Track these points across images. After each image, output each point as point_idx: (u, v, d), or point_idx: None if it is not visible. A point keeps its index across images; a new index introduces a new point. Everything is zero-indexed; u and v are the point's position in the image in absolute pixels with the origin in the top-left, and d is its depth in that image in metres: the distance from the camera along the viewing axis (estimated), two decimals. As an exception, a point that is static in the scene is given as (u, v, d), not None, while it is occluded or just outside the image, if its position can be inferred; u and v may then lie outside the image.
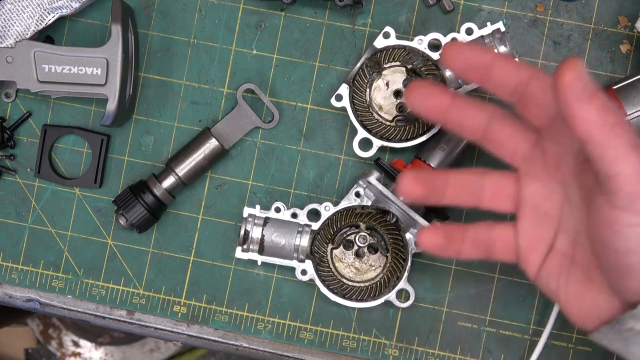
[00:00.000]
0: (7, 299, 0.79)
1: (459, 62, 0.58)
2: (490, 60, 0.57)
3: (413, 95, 0.59)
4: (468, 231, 0.62)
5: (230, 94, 0.78)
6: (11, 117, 0.78)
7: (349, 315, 0.77)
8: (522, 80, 0.57)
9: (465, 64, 0.57)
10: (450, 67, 0.58)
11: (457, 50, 0.57)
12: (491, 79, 0.58)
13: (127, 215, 0.74)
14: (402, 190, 0.60)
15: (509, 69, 0.57)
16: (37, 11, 0.74)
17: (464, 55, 0.57)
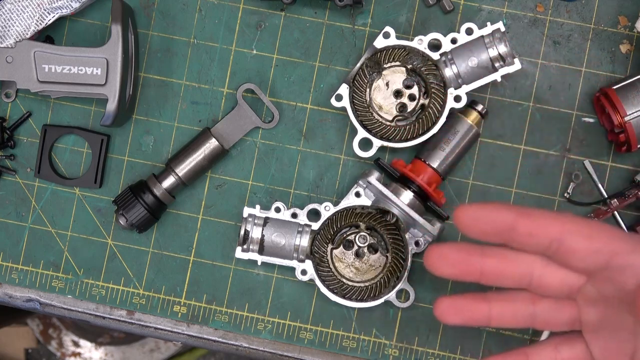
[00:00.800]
0: (7, 299, 0.79)
1: (475, 229, 0.51)
2: (510, 221, 0.51)
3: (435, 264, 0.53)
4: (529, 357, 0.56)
5: (230, 94, 0.78)
6: (11, 117, 0.78)
7: (349, 315, 0.77)
8: (554, 237, 0.51)
9: (483, 230, 0.51)
10: (467, 233, 0.52)
11: (471, 215, 0.51)
12: (517, 241, 0.52)
13: (127, 215, 0.74)
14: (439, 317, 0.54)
15: (535, 227, 0.51)
16: (37, 11, 0.74)
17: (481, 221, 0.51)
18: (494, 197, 0.76)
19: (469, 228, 0.51)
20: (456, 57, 0.72)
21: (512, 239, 0.52)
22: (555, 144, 0.76)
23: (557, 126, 0.76)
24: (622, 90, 0.71)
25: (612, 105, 0.71)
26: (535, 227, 0.51)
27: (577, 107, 0.76)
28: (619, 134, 0.72)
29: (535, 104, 0.76)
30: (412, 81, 0.74)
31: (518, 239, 0.52)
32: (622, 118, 0.71)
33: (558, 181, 0.76)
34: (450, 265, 0.53)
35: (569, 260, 0.52)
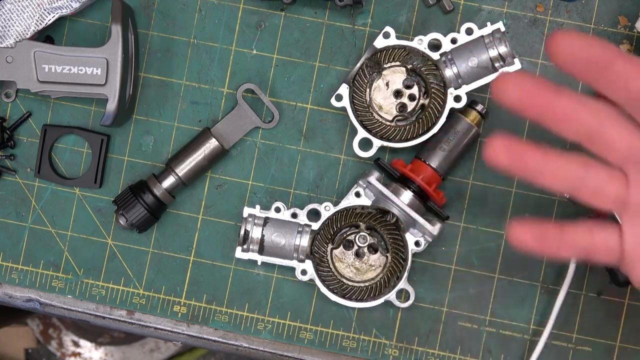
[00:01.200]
0: (7, 299, 0.79)
1: (570, 55, 0.49)
2: (610, 57, 0.49)
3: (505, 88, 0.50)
4: (565, 232, 0.55)
5: (230, 94, 0.78)
6: (11, 117, 0.78)
7: (349, 315, 0.77)
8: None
9: (579, 58, 0.49)
10: (558, 60, 0.49)
11: (571, 41, 0.48)
12: (608, 79, 0.50)
13: (127, 215, 0.74)
14: (488, 156, 0.51)
15: (632, 71, 0.49)
16: (37, 11, 0.74)
17: (579, 48, 0.48)
18: (494, 197, 0.76)
19: (563, 52, 0.49)
20: (456, 57, 0.72)
21: (603, 77, 0.49)
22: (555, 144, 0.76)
23: (557, 126, 0.76)
24: (622, 90, 0.71)
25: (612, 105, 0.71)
26: (633, 70, 0.49)
27: (577, 107, 0.76)
28: (628, 53, 0.71)
29: (535, 104, 0.76)
30: (412, 81, 0.74)
31: (609, 78, 0.49)
32: (622, 118, 0.71)
33: (558, 181, 0.76)
34: (522, 92, 0.50)
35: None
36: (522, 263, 0.76)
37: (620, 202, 0.55)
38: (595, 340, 0.76)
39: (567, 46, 0.49)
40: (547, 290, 0.76)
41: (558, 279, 0.76)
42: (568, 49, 0.49)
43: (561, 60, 0.49)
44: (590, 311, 0.76)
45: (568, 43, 0.48)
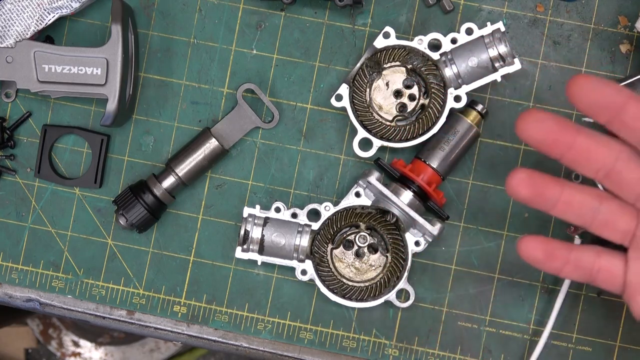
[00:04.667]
0: (7, 299, 0.79)
1: (587, 99, 0.52)
2: (623, 100, 0.52)
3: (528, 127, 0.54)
4: (572, 252, 0.58)
5: (230, 94, 0.78)
6: (11, 117, 0.78)
7: (349, 315, 0.77)
8: None
9: (595, 101, 0.52)
10: (576, 102, 0.53)
11: (588, 85, 0.52)
12: (621, 121, 0.53)
13: (127, 215, 0.74)
14: (511, 188, 0.56)
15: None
16: (37, 11, 0.74)
17: (596, 93, 0.52)
18: (494, 197, 0.76)
19: (582, 96, 0.52)
20: (456, 57, 0.72)
21: (617, 118, 0.52)
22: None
23: (557, 126, 0.76)
24: (622, 90, 0.71)
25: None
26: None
27: (577, 107, 0.76)
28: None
29: (535, 104, 0.76)
30: (412, 81, 0.74)
31: (622, 120, 0.52)
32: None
33: (558, 181, 0.76)
34: (545, 130, 0.53)
35: None
36: (522, 263, 0.76)
37: (628, 235, 0.57)
38: (595, 340, 0.76)
39: (584, 88, 0.52)
40: (547, 290, 0.76)
41: (558, 279, 0.76)
42: (586, 93, 0.52)
43: (580, 104, 0.52)
44: (590, 311, 0.76)
45: (586, 85, 0.51)
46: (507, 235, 0.76)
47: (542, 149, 0.55)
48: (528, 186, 0.55)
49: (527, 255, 0.58)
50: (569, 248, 0.58)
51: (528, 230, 0.76)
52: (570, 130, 0.54)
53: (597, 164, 0.55)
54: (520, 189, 0.56)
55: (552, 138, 0.54)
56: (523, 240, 0.58)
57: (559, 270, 0.59)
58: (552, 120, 0.54)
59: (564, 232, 0.75)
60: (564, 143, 0.54)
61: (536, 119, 0.54)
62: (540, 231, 0.76)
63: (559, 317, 0.75)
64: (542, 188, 0.56)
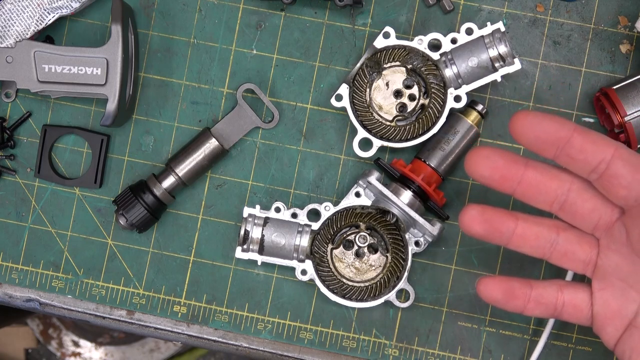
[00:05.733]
0: (7, 299, 0.79)
1: (530, 135, 0.52)
2: (567, 134, 0.51)
3: (476, 164, 0.53)
4: (533, 289, 0.57)
5: (230, 94, 0.78)
6: (11, 117, 0.78)
7: (349, 315, 0.77)
8: (604, 158, 0.51)
9: (539, 137, 0.52)
10: (520, 139, 0.52)
11: (530, 121, 0.51)
12: (567, 155, 0.52)
13: (127, 215, 0.74)
14: (464, 225, 0.55)
15: (589, 145, 0.52)
16: (37, 11, 0.74)
17: (538, 128, 0.51)
18: (494, 197, 0.76)
19: (525, 132, 0.51)
20: (456, 57, 0.72)
21: (563, 152, 0.52)
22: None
23: (557, 126, 0.76)
24: (622, 90, 0.71)
25: (612, 105, 0.71)
26: (590, 145, 0.51)
27: (577, 107, 0.76)
28: (619, 134, 0.72)
29: (535, 104, 0.76)
30: (412, 81, 0.74)
31: (569, 154, 0.52)
32: (622, 118, 0.71)
33: (558, 181, 0.76)
34: (493, 167, 0.53)
35: (610, 186, 0.52)
36: (522, 263, 0.76)
37: (590, 265, 0.56)
38: (595, 340, 0.76)
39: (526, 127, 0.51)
40: (547, 290, 0.76)
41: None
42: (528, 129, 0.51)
43: (523, 140, 0.52)
44: (590, 311, 0.76)
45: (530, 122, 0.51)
46: (507, 235, 0.76)
47: (493, 186, 0.54)
48: (481, 222, 0.55)
49: (487, 297, 0.57)
50: (530, 285, 0.57)
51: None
52: (518, 165, 0.53)
53: (549, 196, 0.55)
54: (473, 225, 0.55)
55: (500, 174, 0.53)
56: (482, 282, 0.57)
57: (522, 309, 0.58)
58: (498, 156, 0.53)
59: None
60: (512, 178, 0.53)
61: (483, 155, 0.53)
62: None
63: (559, 317, 0.75)
64: (495, 223, 0.55)
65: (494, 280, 0.57)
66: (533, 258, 0.76)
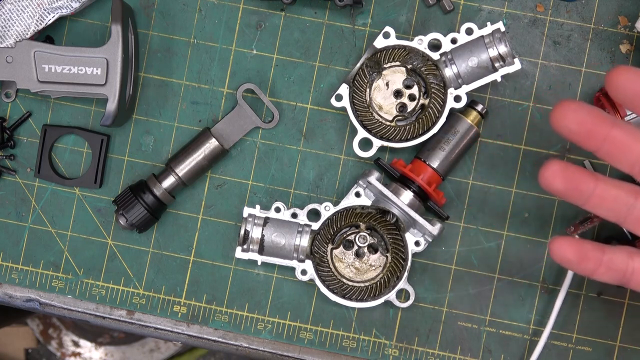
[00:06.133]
0: (7, 299, 0.79)
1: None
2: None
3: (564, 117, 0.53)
4: (605, 253, 0.57)
5: (230, 94, 0.78)
6: (11, 117, 0.78)
7: (349, 315, 0.77)
8: None
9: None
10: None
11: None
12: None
13: (127, 215, 0.74)
14: (545, 179, 0.54)
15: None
16: (37, 11, 0.74)
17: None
18: (494, 197, 0.76)
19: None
20: (456, 57, 0.72)
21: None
22: (555, 144, 0.76)
23: (557, 126, 0.76)
24: (622, 90, 0.71)
25: (612, 105, 0.71)
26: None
27: (577, 107, 0.76)
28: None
29: (535, 104, 0.76)
30: (412, 81, 0.74)
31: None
32: (622, 118, 0.71)
33: (558, 181, 0.76)
34: (581, 121, 0.52)
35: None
36: (522, 263, 0.76)
37: None
38: (595, 340, 0.76)
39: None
40: (547, 290, 0.76)
41: (558, 279, 0.76)
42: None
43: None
44: (590, 311, 0.76)
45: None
46: (507, 235, 0.76)
47: (577, 141, 0.54)
48: (562, 178, 0.54)
49: (559, 257, 0.57)
50: (602, 249, 0.57)
51: (528, 231, 0.76)
52: (606, 122, 0.53)
53: (632, 158, 0.54)
54: (554, 180, 0.54)
55: (587, 129, 0.53)
56: (554, 242, 0.57)
57: (592, 272, 0.57)
58: (586, 111, 0.53)
59: (564, 233, 0.75)
60: (598, 135, 0.53)
61: (571, 109, 0.53)
62: (540, 232, 0.76)
63: (559, 317, 0.75)
64: (576, 181, 0.54)
65: (567, 241, 0.56)
66: (532, 259, 0.76)
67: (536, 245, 0.76)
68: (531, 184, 0.76)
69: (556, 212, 0.76)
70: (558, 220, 0.76)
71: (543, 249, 0.76)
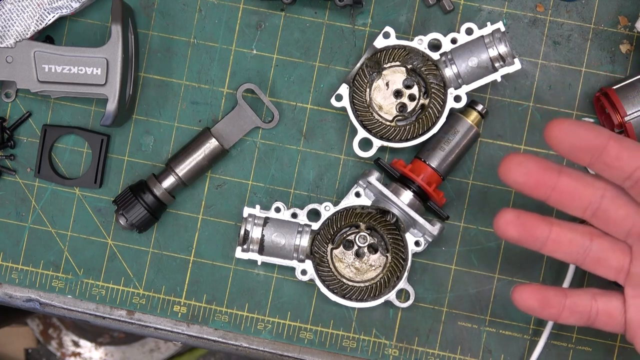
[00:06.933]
0: (7, 299, 0.79)
1: (566, 142, 0.52)
2: (603, 142, 0.52)
3: (510, 170, 0.53)
4: (567, 297, 0.58)
5: (230, 94, 0.78)
6: (11, 117, 0.78)
7: (349, 315, 0.77)
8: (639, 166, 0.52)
9: (574, 145, 0.52)
10: (555, 147, 0.52)
11: (566, 128, 0.52)
12: (603, 162, 0.52)
13: (127, 215, 0.74)
14: (499, 228, 0.55)
15: (625, 152, 0.52)
16: (37, 11, 0.74)
17: (574, 136, 0.52)
18: (494, 197, 0.76)
19: (561, 140, 0.52)
20: (456, 57, 0.72)
21: (599, 160, 0.52)
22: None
23: (557, 126, 0.76)
24: (622, 90, 0.71)
25: (612, 105, 0.71)
26: (626, 152, 0.52)
27: (577, 107, 0.76)
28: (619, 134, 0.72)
29: (535, 104, 0.76)
30: (412, 81, 0.74)
31: (605, 161, 0.52)
32: (622, 118, 0.71)
33: (558, 181, 0.76)
34: (527, 174, 0.53)
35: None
36: (522, 263, 0.76)
37: (622, 272, 0.57)
38: (595, 340, 0.76)
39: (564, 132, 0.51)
40: (547, 290, 0.76)
41: (558, 279, 0.76)
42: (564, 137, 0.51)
43: (559, 148, 0.52)
44: (590, 311, 0.76)
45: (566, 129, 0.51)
46: (507, 235, 0.76)
47: (526, 192, 0.54)
48: (516, 226, 0.55)
49: (522, 305, 0.58)
50: (564, 294, 0.58)
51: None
52: (552, 172, 0.54)
53: (582, 203, 0.55)
54: (507, 229, 0.55)
55: (534, 180, 0.54)
56: (517, 290, 0.58)
57: (556, 317, 0.58)
58: (532, 162, 0.53)
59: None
60: (546, 185, 0.54)
61: (517, 162, 0.53)
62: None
63: (559, 317, 0.75)
64: (530, 228, 0.56)
65: (529, 289, 0.58)
66: (532, 259, 0.76)
67: (536, 245, 0.76)
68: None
69: (556, 212, 0.76)
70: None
71: (543, 249, 0.76)
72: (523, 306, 0.58)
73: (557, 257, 0.58)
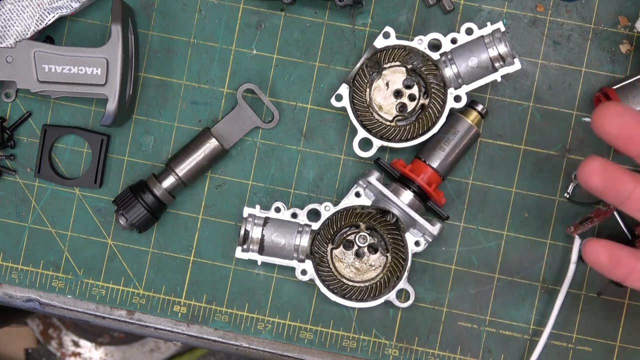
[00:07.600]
0: (7, 299, 0.79)
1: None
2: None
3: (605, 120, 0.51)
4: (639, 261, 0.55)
5: (230, 94, 0.78)
6: (11, 117, 0.78)
7: (349, 315, 0.77)
8: None
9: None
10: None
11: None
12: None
13: (127, 215, 0.74)
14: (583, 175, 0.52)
15: None
16: (37, 11, 0.74)
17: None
18: (494, 197, 0.76)
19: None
20: (456, 57, 0.72)
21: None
22: (555, 144, 0.76)
23: (557, 126, 0.76)
24: (622, 90, 0.71)
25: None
26: None
27: (577, 107, 0.76)
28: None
29: (535, 104, 0.76)
30: (412, 81, 0.74)
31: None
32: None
33: (558, 181, 0.76)
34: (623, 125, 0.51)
35: None
36: (522, 263, 0.76)
37: None
38: (595, 340, 0.76)
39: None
40: (547, 290, 0.76)
41: (558, 279, 0.76)
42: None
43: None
44: (590, 311, 0.76)
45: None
46: (507, 235, 0.76)
47: (618, 145, 0.52)
48: (601, 177, 0.52)
49: (592, 260, 0.55)
50: (637, 256, 0.55)
51: (528, 231, 0.76)
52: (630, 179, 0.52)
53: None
54: (593, 178, 0.52)
55: (629, 134, 0.51)
56: (589, 244, 0.55)
57: (624, 278, 0.56)
58: (630, 115, 0.51)
59: (564, 232, 0.75)
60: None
61: (615, 112, 0.51)
62: (540, 232, 0.76)
63: (559, 317, 0.75)
64: (615, 180, 0.53)
65: (602, 244, 0.55)
66: (532, 258, 0.76)
67: (536, 245, 0.76)
68: (531, 184, 0.76)
69: (556, 212, 0.76)
70: (558, 220, 0.76)
71: (543, 248, 0.76)
72: (593, 261, 0.55)
73: (636, 217, 0.55)
